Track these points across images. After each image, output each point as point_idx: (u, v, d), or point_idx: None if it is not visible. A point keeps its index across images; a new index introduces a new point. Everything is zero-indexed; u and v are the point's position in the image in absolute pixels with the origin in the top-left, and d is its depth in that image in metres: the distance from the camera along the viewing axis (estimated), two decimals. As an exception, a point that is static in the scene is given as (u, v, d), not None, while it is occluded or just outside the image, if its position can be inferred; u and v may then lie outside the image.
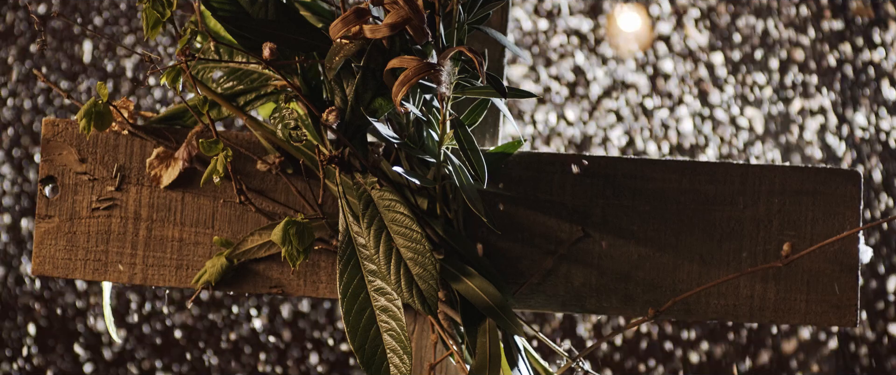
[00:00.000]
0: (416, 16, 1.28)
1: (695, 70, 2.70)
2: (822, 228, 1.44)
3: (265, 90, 1.39)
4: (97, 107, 1.39)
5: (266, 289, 1.46)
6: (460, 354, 1.38)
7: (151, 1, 1.32)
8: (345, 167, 1.34)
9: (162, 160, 1.45)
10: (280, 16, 1.34)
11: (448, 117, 1.33)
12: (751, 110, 2.69)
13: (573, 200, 1.45)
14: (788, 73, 2.69)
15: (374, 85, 1.32)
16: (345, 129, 1.32)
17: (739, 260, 1.44)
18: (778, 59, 2.69)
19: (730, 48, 2.71)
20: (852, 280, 1.44)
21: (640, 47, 2.68)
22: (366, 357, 1.32)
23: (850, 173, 1.45)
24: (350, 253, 1.33)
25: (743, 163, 1.46)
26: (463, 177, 1.36)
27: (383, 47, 1.31)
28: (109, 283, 1.48)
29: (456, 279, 1.37)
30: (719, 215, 1.45)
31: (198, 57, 1.31)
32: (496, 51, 1.49)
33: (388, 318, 1.32)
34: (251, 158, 1.45)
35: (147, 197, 1.46)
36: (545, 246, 1.45)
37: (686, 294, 1.42)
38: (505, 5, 1.49)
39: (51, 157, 1.46)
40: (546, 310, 1.46)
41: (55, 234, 1.46)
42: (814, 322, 1.44)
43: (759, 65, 2.69)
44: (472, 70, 1.34)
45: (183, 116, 1.45)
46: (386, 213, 1.31)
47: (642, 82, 2.71)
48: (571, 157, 1.45)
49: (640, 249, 1.44)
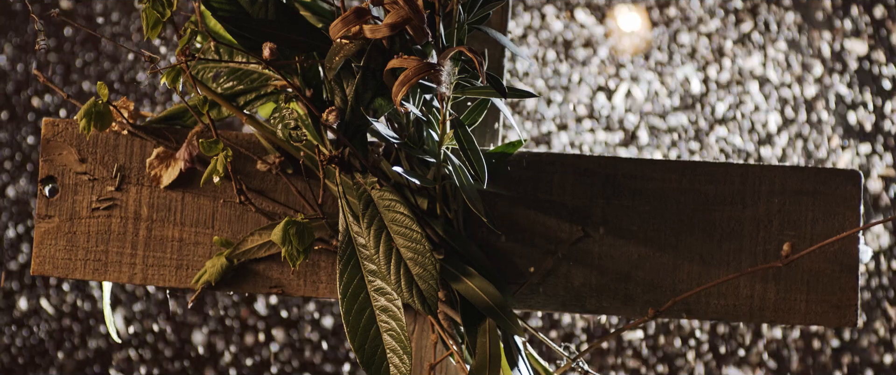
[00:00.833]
0: (416, 16, 1.28)
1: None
2: (822, 228, 1.44)
3: (265, 90, 1.39)
4: (97, 107, 1.39)
5: (266, 289, 1.46)
6: (460, 354, 1.38)
7: (151, 1, 1.32)
8: (345, 167, 1.34)
9: (162, 160, 1.45)
10: (280, 16, 1.34)
11: (448, 117, 1.33)
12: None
13: (573, 200, 1.45)
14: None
15: (374, 85, 1.32)
16: (345, 129, 1.32)
17: (739, 260, 1.44)
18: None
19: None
20: (852, 280, 1.44)
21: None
22: (366, 357, 1.32)
23: (850, 173, 1.45)
24: (350, 253, 1.33)
25: (743, 163, 1.46)
26: (463, 177, 1.36)
27: (383, 47, 1.31)
28: (109, 283, 1.48)
29: (456, 279, 1.37)
30: (719, 215, 1.45)
31: (198, 57, 1.31)
32: (496, 51, 1.49)
33: (388, 318, 1.32)
34: (251, 158, 1.45)
35: (147, 197, 1.46)
36: (545, 246, 1.45)
37: (686, 294, 1.42)
38: (505, 5, 1.49)
39: (51, 157, 1.46)
40: (546, 310, 1.46)
41: (55, 234, 1.46)
42: (814, 322, 1.44)
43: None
44: (472, 70, 1.34)
45: (183, 116, 1.45)
46: (386, 213, 1.31)
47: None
48: (572, 157, 1.45)
49: (640, 249, 1.44)
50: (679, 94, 2.71)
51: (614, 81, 2.72)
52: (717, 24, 2.71)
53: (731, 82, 2.71)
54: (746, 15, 2.71)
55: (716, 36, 2.71)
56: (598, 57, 2.72)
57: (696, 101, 2.72)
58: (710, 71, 2.71)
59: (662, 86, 2.71)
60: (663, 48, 2.71)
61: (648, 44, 2.70)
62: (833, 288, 1.44)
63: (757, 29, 2.71)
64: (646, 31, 2.71)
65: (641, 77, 2.71)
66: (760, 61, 2.70)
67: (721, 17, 2.71)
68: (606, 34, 2.71)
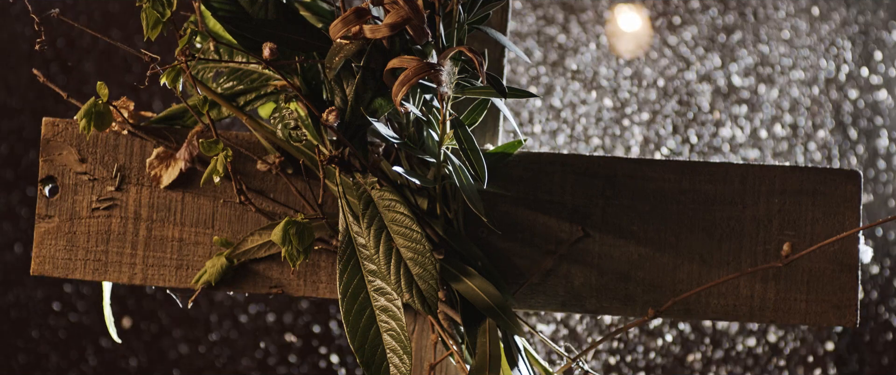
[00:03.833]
0: (416, 16, 1.28)
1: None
2: (822, 228, 1.44)
3: (265, 90, 1.39)
4: (97, 107, 1.39)
5: (266, 289, 1.46)
6: (460, 354, 1.38)
7: (151, 1, 1.32)
8: (345, 167, 1.34)
9: (162, 160, 1.45)
10: (280, 16, 1.34)
11: (448, 117, 1.33)
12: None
13: (573, 200, 1.45)
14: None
15: (374, 85, 1.32)
16: (345, 129, 1.32)
17: (739, 260, 1.44)
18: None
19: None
20: (852, 280, 1.44)
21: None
22: (366, 357, 1.32)
23: (850, 173, 1.45)
24: (350, 253, 1.33)
25: (743, 163, 1.46)
26: (463, 177, 1.36)
27: (383, 47, 1.31)
28: (109, 283, 1.48)
29: (456, 279, 1.37)
30: (719, 215, 1.45)
31: (198, 57, 1.31)
32: (496, 51, 1.49)
33: (388, 318, 1.32)
34: (251, 158, 1.45)
35: (147, 197, 1.46)
36: (545, 246, 1.45)
37: (686, 294, 1.42)
38: (505, 5, 1.49)
39: (51, 157, 1.46)
40: (546, 310, 1.46)
41: (55, 234, 1.46)
42: (814, 322, 1.44)
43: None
44: (472, 70, 1.34)
45: (183, 116, 1.45)
46: (386, 213, 1.31)
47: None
48: (572, 157, 1.45)
49: (640, 249, 1.44)
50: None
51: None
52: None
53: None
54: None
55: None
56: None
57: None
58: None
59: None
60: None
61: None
62: (833, 288, 1.44)
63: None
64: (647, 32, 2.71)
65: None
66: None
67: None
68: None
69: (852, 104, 2.69)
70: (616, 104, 2.72)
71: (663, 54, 2.72)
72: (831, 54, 2.71)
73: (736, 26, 2.72)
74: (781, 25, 2.71)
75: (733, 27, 2.72)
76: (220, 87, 1.40)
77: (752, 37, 2.71)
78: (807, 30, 2.69)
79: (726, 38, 2.71)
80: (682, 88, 2.72)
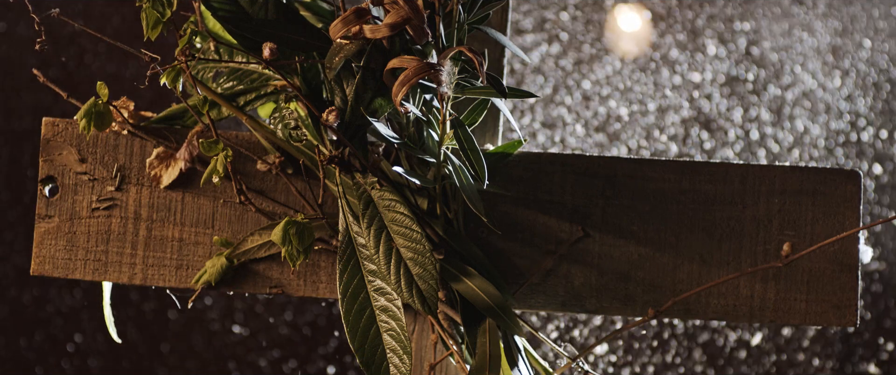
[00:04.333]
0: (416, 16, 1.28)
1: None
2: (822, 228, 1.44)
3: (265, 90, 1.40)
4: (97, 107, 1.39)
5: (266, 289, 1.46)
6: (460, 354, 1.38)
7: (151, 1, 1.32)
8: (345, 167, 1.34)
9: (162, 160, 1.45)
10: (280, 16, 1.34)
11: (448, 117, 1.33)
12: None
13: (573, 200, 1.45)
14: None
15: (374, 85, 1.33)
16: (345, 129, 1.32)
17: (739, 260, 1.44)
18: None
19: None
20: (852, 280, 1.44)
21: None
22: (366, 357, 1.32)
23: (850, 173, 1.45)
24: (350, 253, 1.33)
25: (743, 163, 1.46)
26: (463, 177, 1.36)
27: (383, 47, 1.31)
28: (109, 283, 1.48)
29: (456, 279, 1.37)
30: (719, 215, 1.45)
31: (198, 57, 1.31)
32: (496, 51, 1.49)
33: (388, 318, 1.32)
34: (251, 158, 1.45)
35: (147, 197, 1.46)
36: (545, 246, 1.45)
37: (686, 294, 1.42)
38: (505, 5, 1.49)
39: (51, 157, 1.46)
40: (546, 310, 1.46)
41: (55, 234, 1.46)
42: (814, 322, 1.44)
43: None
44: (472, 70, 1.34)
45: (183, 116, 1.45)
46: (386, 213, 1.31)
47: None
48: (572, 157, 1.45)
49: (640, 249, 1.44)
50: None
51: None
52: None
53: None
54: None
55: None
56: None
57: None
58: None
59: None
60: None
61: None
62: (833, 288, 1.44)
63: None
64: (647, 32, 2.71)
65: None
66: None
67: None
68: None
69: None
70: (618, 104, 2.72)
71: (664, 54, 2.73)
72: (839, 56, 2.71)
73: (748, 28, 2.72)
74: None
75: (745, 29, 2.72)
76: (220, 87, 1.40)
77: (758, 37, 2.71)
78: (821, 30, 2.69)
79: (732, 37, 2.71)
80: (682, 88, 2.72)
